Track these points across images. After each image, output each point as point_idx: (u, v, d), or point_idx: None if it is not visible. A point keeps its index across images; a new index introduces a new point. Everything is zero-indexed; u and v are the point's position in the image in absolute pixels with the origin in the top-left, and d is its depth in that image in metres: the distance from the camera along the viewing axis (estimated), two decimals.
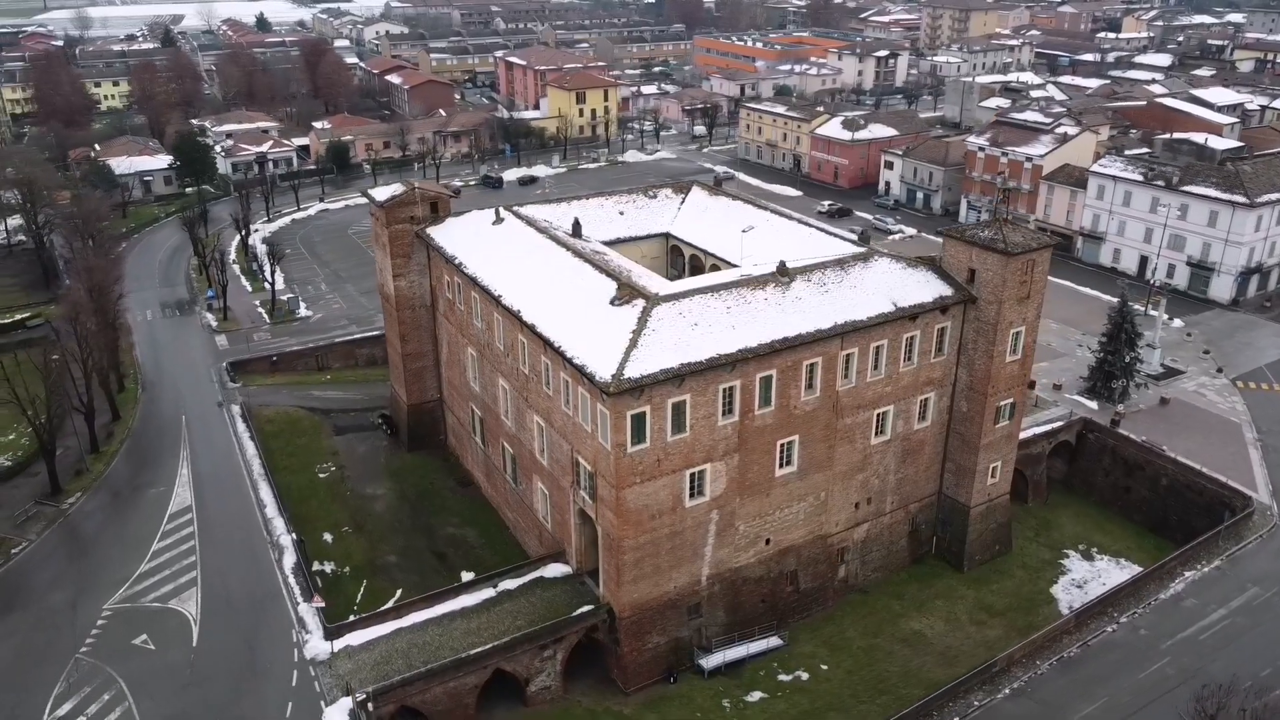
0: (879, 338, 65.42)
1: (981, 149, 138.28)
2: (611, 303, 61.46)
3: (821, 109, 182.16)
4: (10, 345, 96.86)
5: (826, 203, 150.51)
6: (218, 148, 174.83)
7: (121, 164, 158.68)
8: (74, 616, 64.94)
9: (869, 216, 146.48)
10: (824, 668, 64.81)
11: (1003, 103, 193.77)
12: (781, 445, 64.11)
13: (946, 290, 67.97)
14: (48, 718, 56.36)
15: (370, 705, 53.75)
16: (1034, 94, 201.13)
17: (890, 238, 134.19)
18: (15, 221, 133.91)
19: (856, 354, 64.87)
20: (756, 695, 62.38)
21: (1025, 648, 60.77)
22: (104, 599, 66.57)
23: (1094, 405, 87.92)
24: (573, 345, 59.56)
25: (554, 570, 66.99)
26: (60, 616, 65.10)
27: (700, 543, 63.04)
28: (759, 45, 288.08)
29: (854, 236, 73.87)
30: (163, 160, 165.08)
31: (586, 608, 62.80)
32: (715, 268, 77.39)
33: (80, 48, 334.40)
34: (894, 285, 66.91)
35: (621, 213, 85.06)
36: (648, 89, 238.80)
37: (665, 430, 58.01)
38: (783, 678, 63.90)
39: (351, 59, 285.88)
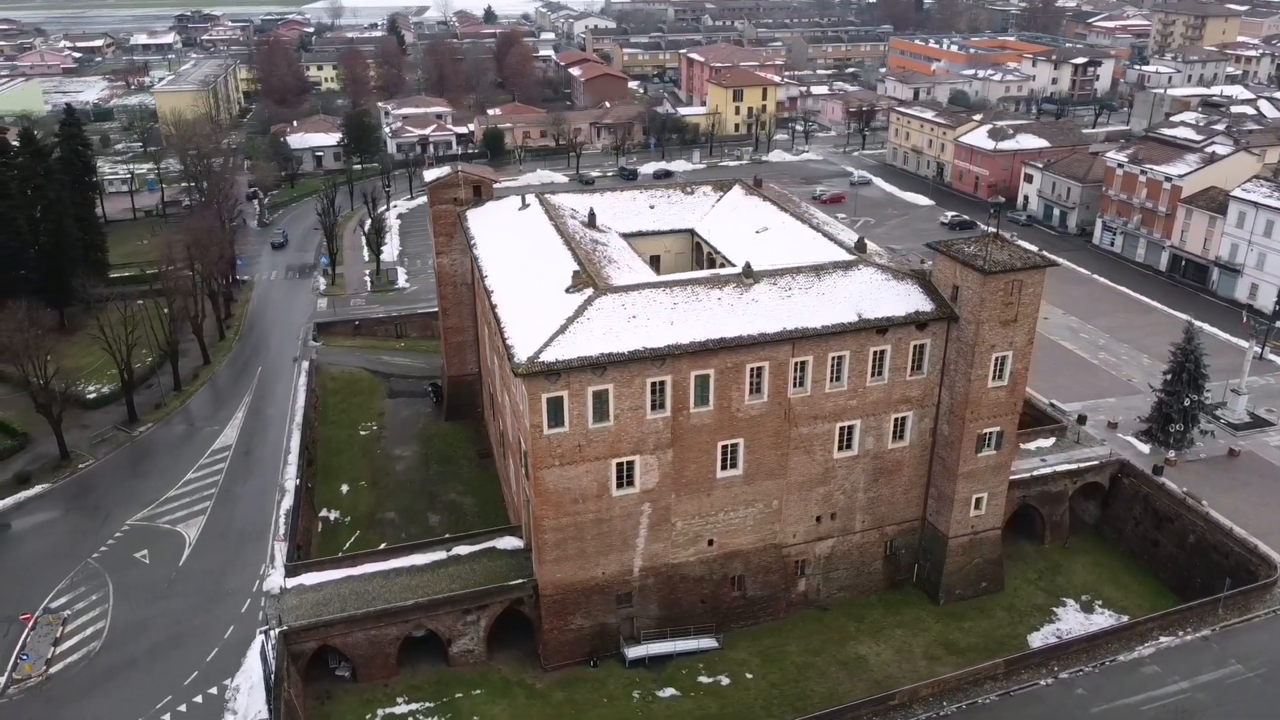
0: (838, 348, 63.34)
1: (1120, 165, 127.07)
2: (566, 290, 63.32)
3: (979, 117, 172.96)
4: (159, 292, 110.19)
5: (950, 214, 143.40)
6: (387, 129, 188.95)
7: (296, 139, 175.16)
8: (100, 527, 74.49)
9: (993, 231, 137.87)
10: (749, 676, 63.77)
11: (1198, 117, 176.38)
12: (724, 447, 63.55)
13: (926, 305, 64.77)
14: (41, 605, 65.39)
15: (276, 636, 58.54)
16: (1235, 109, 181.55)
17: None
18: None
19: (811, 362, 63.17)
20: (669, 692, 62.43)
21: (934, 685, 57.24)
22: (130, 515, 75.88)
23: (1145, 449, 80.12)
24: (515, 327, 61.91)
25: (507, 543, 69.39)
26: (91, 525, 74.87)
27: (631, 533, 63.68)
28: (953, 49, 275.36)
29: (850, 244, 71.38)
30: (334, 137, 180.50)
31: (516, 581, 65.03)
32: (723, 266, 77.07)
33: (325, 34, 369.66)
34: (867, 296, 64.50)
35: (652, 207, 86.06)
36: (818, 89, 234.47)
37: (586, 417, 59.18)
38: (703, 679, 63.48)
39: (546, 51, 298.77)
